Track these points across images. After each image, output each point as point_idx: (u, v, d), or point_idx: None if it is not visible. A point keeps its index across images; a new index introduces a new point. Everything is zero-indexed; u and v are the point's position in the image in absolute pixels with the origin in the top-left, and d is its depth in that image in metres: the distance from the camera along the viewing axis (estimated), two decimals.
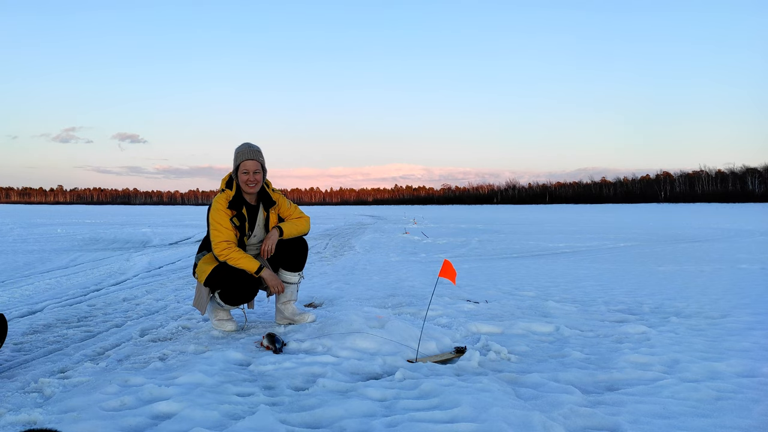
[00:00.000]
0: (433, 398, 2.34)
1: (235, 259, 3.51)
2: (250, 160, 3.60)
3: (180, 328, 3.79)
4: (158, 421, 2.11)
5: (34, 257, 8.99)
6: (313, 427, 2.11)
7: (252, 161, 3.60)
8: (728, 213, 39.44)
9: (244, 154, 3.62)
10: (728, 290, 5.34)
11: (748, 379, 2.58)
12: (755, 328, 3.65)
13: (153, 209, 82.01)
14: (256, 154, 3.63)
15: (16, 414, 2.18)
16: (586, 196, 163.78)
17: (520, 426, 2.02)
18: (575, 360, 2.98)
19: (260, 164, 3.63)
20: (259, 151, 3.68)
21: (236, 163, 3.62)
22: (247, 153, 3.62)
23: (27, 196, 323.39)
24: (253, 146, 3.69)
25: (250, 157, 3.60)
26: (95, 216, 36.32)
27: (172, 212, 54.15)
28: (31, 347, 3.34)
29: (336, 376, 2.65)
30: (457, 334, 3.51)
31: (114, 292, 5.43)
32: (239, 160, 3.61)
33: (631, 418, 2.13)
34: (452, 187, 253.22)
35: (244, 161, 3.60)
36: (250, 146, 3.68)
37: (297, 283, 3.85)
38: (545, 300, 4.80)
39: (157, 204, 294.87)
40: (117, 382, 2.52)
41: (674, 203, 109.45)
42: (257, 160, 3.62)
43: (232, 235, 3.57)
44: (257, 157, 3.63)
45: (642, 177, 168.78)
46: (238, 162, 3.61)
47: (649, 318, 4.08)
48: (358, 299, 4.87)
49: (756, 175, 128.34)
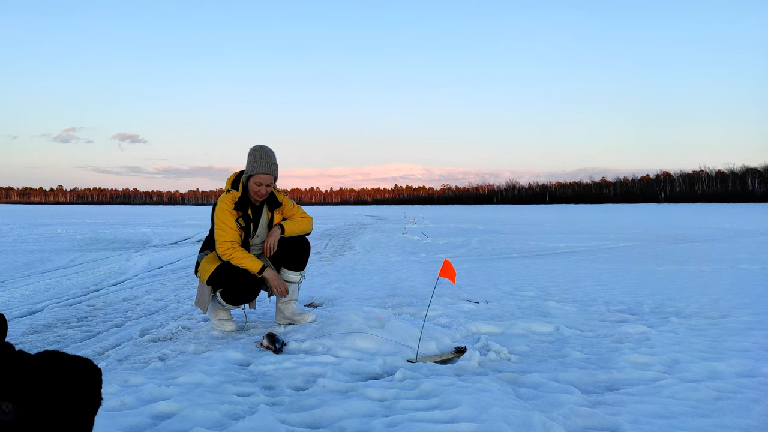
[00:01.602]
0: (433, 398, 2.34)
1: (239, 259, 3.51)
2: (266, 174, 3.55)
3: (180, 328, 3.79)
4: (158, 421, 2.11)
5: (34, 257, 8.98)
6: (313, 427, 2.11)
7: (267, 175, 3.55)
8: (728, 213, 39.43)
9: (261, 166, 3.54)
10: (728, 290, 5.34)
11: (748, 379, 2.58)
12: (755, 328, 3.65)
13: (153, 209, 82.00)
14: (272, 168, 3.57)
15: None
16: (586, 196, 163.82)
17: (520, 426, 2.02)
18: (575, 360, 2.98)
19: (273, 177, 3.60)
20: (275, 162, 3.61)
21: (251, 171, 3.56)
22: (265, 166, 3.54)
23: (27, 196, 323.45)
24: (270, 156, 3.60)
25: (266, 171, 3.54)
26: (95, 216, 36.31)
27: (172, 212, 54.13)
28: (31, 347, 3.34)
29: (336, 376, 2.65)
30: (457, 334, 3.51)
31: (114, 292, 5.43)
32: (256, 171, 3.54)
33: (631, 418, 2.13)
34: (452, 187, 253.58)
35: (259, 173, 3.54)
36: (267, 156, 3.58)
37: (298, 283, 3.85)
38: (545, 300, 4.80)
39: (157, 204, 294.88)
40: (117, 382, 2.52)
41: (674, 203, 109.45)
42: (272, 174, 3.57)
43: (237, 235, 3.57)
44: (273, 171, 3.57)
45: (642, 177, 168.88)
46: (255, 172, 3.54)
47: (649, 318, 4.08)
48: (358, 299, 4.87)
49: (756, 175, 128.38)
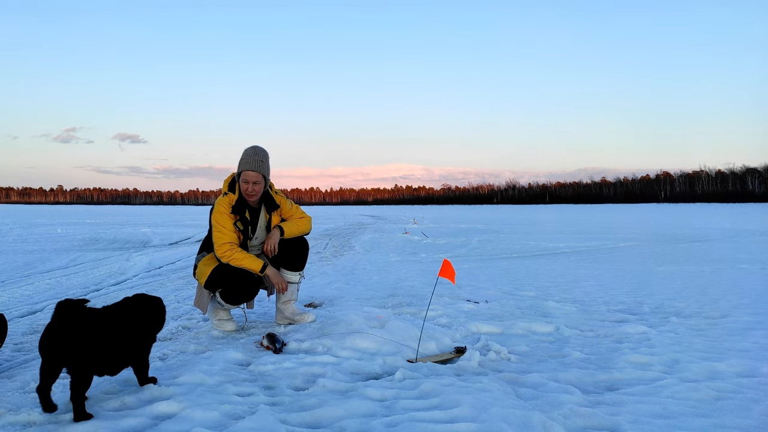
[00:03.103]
0: (433, 398, 2.34)
1: (239, 260, 3.50)
2: (252, 171, 3.51)
3: (180, 328, 3.79)
4: (159, 421, 2.11)
5: (34, 257, 8.98)
6: (313, 427, 2.11)
7: (253, 172, 3.51)
8: (728, 213, 39.43)
9: (247, 163, 3.52)
10: (728, 290, 5.34)
11: (748, 379, 2.59)
12: (755, 328, 3.65)
13: (153, 209, 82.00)
14: (258, 165, 3.52)
15: (15, 414, 2.18)
16: (586, 196, 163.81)
17: (520, 426, 2.02)
18: (575, 360, 2.99)
19: (262, 175, 3.54)
20: (263, 160, 3.57)
21: (239, 169, 3.56)
22: (250, 163, 3.52)
23: (27, 196, 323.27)
24: (259, 153, 3.57)
25: (252, 168, 3.51)
26: (95, 216, 36.31)
27: (172, 212, 54.14)
28: (31, 347, 3.34)
29: (336, 376, 2.65)
30: (457, 334, 3.51)
31: (114, 292, 5.43)
32: (241, 168, 3.53)
33: (631, 418, 2.13)
34: (452, 187, 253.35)
35: (245, 170, 3.52)
36: (255, 153, 3.55)
37: (298, 283, 3.84)
38: (545, 300, 4.80)
39: (157, 204, 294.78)
40: (117, 382, 2.52)
41: (674, 203, 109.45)
42: (259, 171, 3.52)
43: (235, 237, 3.56)
44: (259, 168, 3.53)
45: (642, 177, 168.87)
46: (242, 169, 3.53)
47: (649, 318, 4.08)
48: (358, 299, 4.87)
49: (756, 175, 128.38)
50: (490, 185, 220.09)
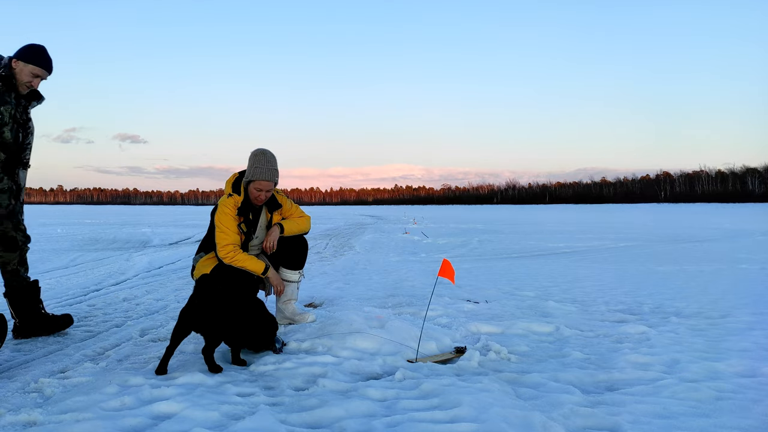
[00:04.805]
0: (433, 398, 2.34)
1: (241, 261, 3.51)
2: (267, 181, 3.55)
3: None
4: (158, 422, 2.11)
5: (34, 257, 8.97)
6: (313, 427, 2.11)
7: (268, 182, 3.56)
8: (728, 213, 39.42)
9: (262, 173, 3.53)
10: (728, 290, 5.34)
11: (748, 379, 2.59)
12: (755, 328, 3.65)
13: (153, 209, 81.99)
14: (273, 175, 3.57)
15: (16, 414, 2.18)
16: (586, 196, 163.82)
17: (520, 426, 2.02)
18: (575, 360, 2.98)
19: (275, 183, 3.61)
20: (276, 169, 3.60)
21: (251, 177, 3.55)
22: (264, 172, 3.54)
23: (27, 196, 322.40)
24: (271, 161, 3.59)
25: (267, 177, 3.54)
26: (95, 216, 36.31)
27: (172, 212, 54.13)
28: (31, 347, 3.34)
29: (336, 376, 2.65)
30: (457, 334, 3.51)
31: (114, 292, 5.43)
32: (256, 177, 3.54)
33: (631, 418, 2.13)
34: (452, 187, 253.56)
35: (261, 180, 3.54)
36: (268, 162, 3.57)
37: (297, 282, 3.86)
38: (545, 300, 4.79)
39: (157, 204, 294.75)
40: (117, 382, 2.52)
41: (674, 203, 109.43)
42: (273, 180, 3.58)
43: (238, 238, 3.57)
44: (274, 177, 3.58)
45: (642, 177, 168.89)
46: (255, 178, 3.54)
47: (649, 318, 4.08)
48: (358, 299, 4.87)
49: (756, 175, 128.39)
50: (490, 185, 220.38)
